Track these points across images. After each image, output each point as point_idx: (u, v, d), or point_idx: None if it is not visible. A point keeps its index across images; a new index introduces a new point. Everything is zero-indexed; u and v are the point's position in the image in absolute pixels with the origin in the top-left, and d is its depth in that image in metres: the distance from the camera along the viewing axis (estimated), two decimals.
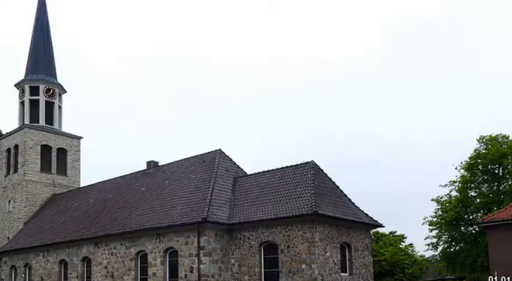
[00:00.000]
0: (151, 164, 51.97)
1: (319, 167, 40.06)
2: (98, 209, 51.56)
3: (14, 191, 62.72)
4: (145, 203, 45.89)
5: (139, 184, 50.34)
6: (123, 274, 43.68)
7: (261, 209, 38.63)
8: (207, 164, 44.84)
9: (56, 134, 65.20)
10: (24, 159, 61.92)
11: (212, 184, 41.24)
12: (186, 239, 39.02)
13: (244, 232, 38.88)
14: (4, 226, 63.45)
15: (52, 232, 53.71)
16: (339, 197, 40.23)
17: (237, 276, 38.80)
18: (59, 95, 67.27)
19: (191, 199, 41.43)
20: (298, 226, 35.93)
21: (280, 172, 41.06)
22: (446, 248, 49.13)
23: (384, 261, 52.09)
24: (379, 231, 59.24)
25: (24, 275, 55.42)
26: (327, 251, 36.35)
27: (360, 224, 40.50)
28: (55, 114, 66.55)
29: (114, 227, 45.33)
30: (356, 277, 39.52)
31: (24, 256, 55.55)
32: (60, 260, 50.56)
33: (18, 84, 66.65)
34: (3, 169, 65.81)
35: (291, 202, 37.28)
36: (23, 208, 61.03)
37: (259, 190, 40.70)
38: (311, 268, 34.90)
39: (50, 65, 67.83)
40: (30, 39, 68.24)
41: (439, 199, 49.22)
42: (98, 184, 58.27)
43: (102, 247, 46.00)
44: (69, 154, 66.03)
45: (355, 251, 39.85)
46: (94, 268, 46.57)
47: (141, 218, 43.66)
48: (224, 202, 40.71)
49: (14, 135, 64.57)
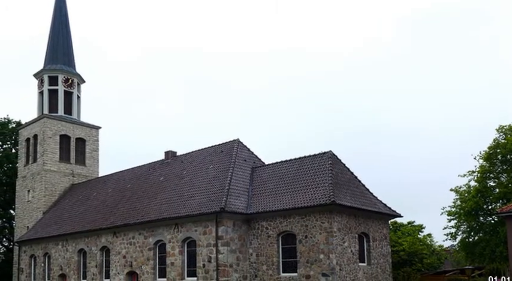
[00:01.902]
0: (169, 154, 52.10)
1: (337, 157, 39.98)
2: (116, 198, 51.76)
3: (33, 181, 63.07)
4: (164, 193, 46.01)
5: (157, 174, 50.47)
6: (141, 263, 43.85)
7: (279, 199, 38.62)
8: (225, 154, 44.88)
9: (74, 124, 65.44)
10: (43, 149, 62.22)
11: (230, 174, 41.28)
12: (204, 228, 39.10)
13: (262, 221, 38.89)
14: (23, 215, 63.84)
15: (71, 221, 53.98)
16: (357, 187, 40.15)
17: (255, 266, 38.85)
18: (78, 85, 67.49)
19: (209, 188, 41.48)
20: (316, 215, 35.89)
21: (298, 161, 41.02)
22: (465, 238, 48.86)
23: (402, 251, 51.88)
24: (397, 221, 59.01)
25: (44, 265, 55.77)
26: (345, 241, 36.30)
27: (378, 214, 40.43)
28: (74, 104, 66.78)
29: (132, 217, 45.49)
30: (374, 267, 39.49)
31: (44, 245, 55.89)
32: (79, 249, 50.85)
33: (37, 74, 66.91)
34: (23, 158, 66.18)
35: (309, 191, 37.23)
36: (42, 198, 61.37)
37: (277, 180, 40.69)
38: (329, 258, 34.88)
39: (69, 55, 68.02)
40: (49, 29, 68.45)
41: (458, 189, 48.92)
42: (116, 173, 58.52)
43: (120, 236, 46.19)
44: (88, 143, 66.30)
45: (373, 241, 39.80)
46: (113, 258, 46.79)
47: (160, 208, 43.77)
48: (242, 192, 40.75)
49: (33, 125, 64.88)
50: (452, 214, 48.57)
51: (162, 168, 51.06)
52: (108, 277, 47.25)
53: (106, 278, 47.68)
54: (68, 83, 66.02)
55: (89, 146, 66.37)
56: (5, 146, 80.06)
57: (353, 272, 36.73)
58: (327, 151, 39.67)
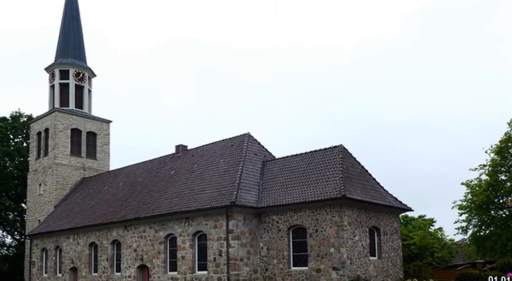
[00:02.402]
0: (180, 148, 52.16)
1: (347, 151, 39.96)
2: (127, 192, 51.89)
3: (45, 175, 63.28)
4: (174, 186, 46.08)
5: (168, 168, 50.54)
6: (152, 257, 43.96)
7: (290, 193, 38.62)
8: (236, 148, 44.89)
9: (85, 118, 65.60)
10: (55, 142, 62.40)
11: (241, 168, 41.32)
12: (215, 222, 39.16)
13: (272, 215, 38.91)
14: (35, 208, 64.08)
15: (82, 215, 54.15)
16: (368, 181, 40.12)
17: (266, 259, 38.89)
18: (89, 79, 67.66)
19: (220, 182, 41.52)
20: (327, 209, 35.88)
21: (308, 155, 41.00)
22: (476, 232, 48.74)
23: (413, 245, 51.83)
24: (408, 215, 58.95)
25: (55, 258, 56.00)
26: (355, 235, 36.29)
27: (388, 208, 40.40)
28: (85, 98, 66.95)
29: (143, 211, 45.59)
30: (385, 261, 39.47)
31: (55, 238, 56.10)
32: (90, 243, 51.02)
33: (49, 68, 67.07)
34: (34, 152, 66.40)
35: (320, 185, 37.22)
36: (54, 191, 61.57)
37: (287, 174, 40.68)
38: (340, 252, 34.88)
39: (80, 49, 68.16)
40: (60, 23, 68.61)
41: (469, 182, 48.78)
42: (127, 167, 58.66)
43: (131, 230, 46.32)
44: (99, 137, 66.46)
45: (384, 235, 39.78)
46: (124, 251, 46.93)
47: (170, 202, 43.85)
48: (253, 186, 40.76)
49: (45, 119, 65.06)
50: (463, 207, 48.45)
51: (172, 162, 51.13)
52: (119, 270, 47.42)
53: (117, 271, 47.85)
54: (79, 77, 66.16)
55: (99, 140, 66.54)
56: (16, 140, 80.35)
57: (364, 266, 36.72)
58: (338, 145, 39.64)
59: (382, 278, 38.48)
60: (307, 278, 36.35)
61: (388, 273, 39.54)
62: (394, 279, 39.59)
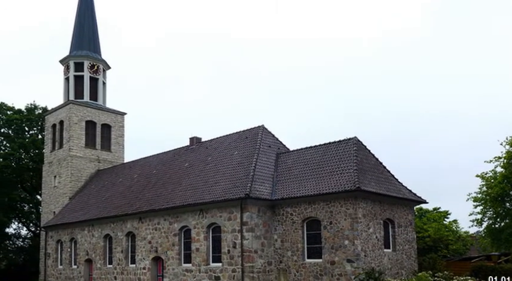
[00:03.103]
0: (194, 140, 52.26)
1: (361, 143, 39.87)
2: (141, 184, 52.03)
3: (60, 167, 63.54)
4: (189, 179, 46.16)
5: (182, 160, 50.63)
6: (166, 249, 44.07)
7: (304, 185, 38.59)
8: (250, 140, 44.89)
9: (100, 110, 65.81)
10: (70, 135, 62.62)
11: (255, 160, 41.32)
12: (229, 214, 39.20)
13: (286, 207, 38.91)
14: (50, 200, 64.39)
15: (97, 207, 54.36)
16: (382, 173, 40.03)
17: (280, 252, 38.90)
18: (103, 71, 67.86)
19: (234, 174, 41.56)
20: (341, 202, 35.83)
21: (322, 148, 40.96)
22: (491, 224, 48.51)
23: (427, 237, 51.76)
24: (423, 207, 58.94)
25: (70, 250, 56.27)
26: (370, 227, 36.23)
27: (403, 200, 40.30)
28: (99, 90, 67.16)
29: (157, 203, 45.70)
30: (399, 253, 39.40)
31: (70, 230, 56.37)
32: (105, 235, 51.23)
33: (63, 60, 67.31)
34: (49, 144, 66.67)
35: (334, 178, 37.18)
36: (68, 183, 61.83)
37: (301, 166, 40.65)
38: (354, 244, 34.84)
39: (94, 41, 68.35)
40: (75, 15, 68.79)
41: (484, 174, 48.51)
42: (142, 159, 58.85)
43: (146, 222, 46.44)
44: (113, 129, 66.65)
45: (398, 227, 39.69)
46: (138, 243, 47.08)
47: (185, 194, 43.93)
48: (267, 178, 40.76)
49: (59, 111, 65.31)
50: (478, 200, 48.22)
51: (187, 154, 51.22)
52: (134, 262, 47.60)
53: (132, 263, 48.04)
54: (94, 69, 66.36)
55: (114, 132, 66.73)
56: (31, 132, 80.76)
57: (378, 258, 36.68)
58: (352, 137, 39.57)
59: (396, 271, 38.42)
60: (321, 271, 36.35)
61: (403, 265, 39.48)
62: (408, 271, 39.52)
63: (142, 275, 46.16)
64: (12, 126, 79.02)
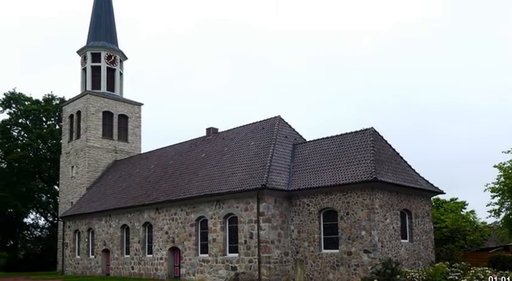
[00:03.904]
0: (210, 131, 52.31)
1: (378, 134, 39.74)
2: (158, 175, 52.16)
3: (77, 157, 63.81)
4: (205, 169, 46.21)
5: (199, 151, 50.69)
6: (183, 239, 44.19)
7: (320, 175, 38.54)
8: (266, 130, 44.87)
9: (117, 101, 66.03)
10: (87, 125, 62.87)
11: (271, 151, 41.29)
12: (246, 205, 39.23)
13: (303, 198, 38.87)
14: (67, 191, 64.72)
15: (114, 197, 54.58)
16: (399, 164, 39.90)
17: (297, 242, 38.91)
18: (120, 62, 68.07)
19: (250, 165, 41.56)
20: (358, 192, 35.75)
21: (339, 138, 40.86)
22: (509, 214, 48.26)
23: (444, 228, 51.57)
24: (440, 198, 58.70)
25: (88, 240, 56.56)
26: (386, 218, 36.15)
27: (420, 190, 40.15)
28: (116, 81, 67.39)
29: (174, 193, 45.80)
30: (416, 244, 39.32)
31: (87, 220, 56.64)
32: (122, 225, 51.45)
33: (80, 51, 67.57)
34: (66, 134, 66.98)
35: (351, 168, 37.09)
36: (86, 174, 62.12)
37: (318, 157, 40.58)
38: (371, 235, 34.78)
39: (111, 32, 68.54)
40: (92, 6, 69.02)
41: (502, 165, 48.28)
42: (159, 150, 59.00)
43: (163, 212, 46.57)
44: (130, 120, 66.87)
45: (415, 218, 39.60)
46: (155, 233, 47.23)
47: (201, 185, 43.99)
48: (283, 169, 40.73)
49: (77, 101, 65.57)
50: (495, 190, 47.98)
51: (203, 145, 51.26)
52: (151, 252, 47.74)
53: (149, 253, 48.19)
54: (111, 59, 66.56)
55: (131, 123, 66.94)
56: (49, 123, 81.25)
57: (395, 249, 36.61)
58: (369, 128, 39.44)
59: (413, 261, 38.35)
60: (338, 261, 36.33)
61: (420, 256, 39.40)
62: (425, 262, 39.44)
63: (160, 266, 46.32)
64: (30, 116, 79.57)
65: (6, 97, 79.07)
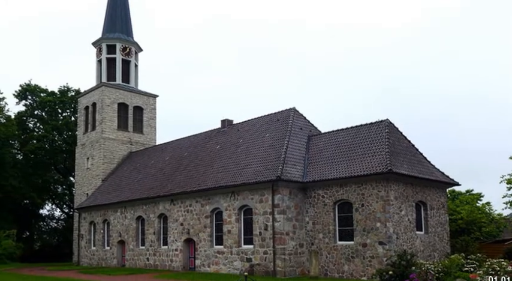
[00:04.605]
0: (225, 123, 52.31)
1: (393, 125, 39.58)
2: (173, 166, 52.28)
3: (92, 149, 64.06)
4: (220, 161, 46.26)
5: (213, 142, 50.73)
6: (198, 231, 44.29)
7: (335, 167, 38.47)
8: (281, 122, 44.82)
9: (132, 93, 66.17)
10: (102, 117, 63.06)
11: (286, 142, 41.24)
12: (261, 197, 39.24)
13: (318, 190, 38.84)
14: (83, 182, 64.99)
15: (129, 189, 54.76)
16: (414, 155, 39.76)
17: (312, 234, 38.90)
18: (135, 54, 68.20)
19: (265, 157, 41.54)
20: (373, 184, 35.68)
21: (354, 130, 40.75)
22: None
23: (460, 219, 51.32)
24: (456, 189, 58.45)
25: (103, 231, 56.83)
26: (402, 210, 36.07)
27: (435, 182, 40.04)
28: (131, 73, 67.53)
29: (189, 185, 45.88)
30: (432, 236, 39.23)
31: (103, 212, 56.92)
32: (137, 216, 51.63)
33: (96, 42, 67.76)
34: (82, 126, 67.23)
35: (366, 160, 37.00)
36: (101, 165, 62.36)
37: (333, 148, 40.51)
38: (386, 226, 34.71)
39: (126, 23, 68.66)
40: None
41: None
42: (174, 142, 59.12)
43: (178, 204, 46.68)
44: (145, 112, 67.01)
45: (430, 209, 39.49)
46: (170, 225, 47.37)
47: (216, 176, 44.05)
48: (298, 160, 40.69)
49: (92, 93, 65.77)
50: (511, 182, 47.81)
51: (218, 136, 51.30)
52: (166, 243, 47.93)
53: (164, 245, 48.38)
54: (126, 51, 66.68)
55: (146, 115, 67.08)
56: (64, 114, 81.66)
57: (410, 241, 36.55)
58: (384, 119, 39.28)
59: (428, 253, 38.28)
60: (353, 253, 36.30)
61: (435, 248, 39.32)
62: (441, 254, 39.37)
63: (175, 257, 46.48)
64: (46, 108, 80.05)
65: (22, 89, 79.56)
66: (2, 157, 69.78)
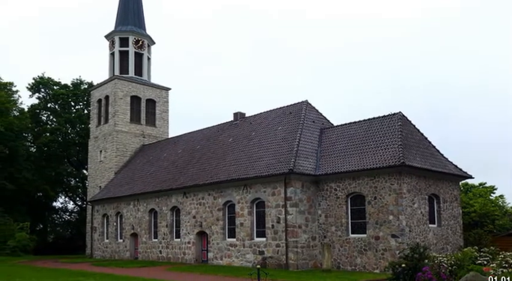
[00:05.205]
0: (238, 116, 52.33)
1: (406, 118, 39.47)
2: (186, 159, 52.33)
3: (105, 141, 64.23)
4: (233, 154, 46.29)
5: (226, 135, 50.75)
6: (211, 223, 44.36)
7: (348, 160, 38.42)
8: (294, 115, 44.77)
9: (145, 85, 66.29)
10: (115, 110, 63.20)
11: (299, 135, 41.20)
12: (273, 190, 39.25)
13: (330, 183, 38.80)
14: (96, 175, 65.21)
15: (142, 181, 54.88)
16: (427, 148, 39.66)
17: (324, 227, 38.89)
18: (148, 47, 68.30)
19: (278, 150, 41.52)
20: (386, 177, 35.61)
21: (367, 123, 40.66)
22: None
23: (473, 212, 51.19)
24: (469, 182, 58.27)
25: (116, 224, 57.01)
26: (414, 203, 35.99)
27: (448, 175, 39.92)
28: (144, 66, 67.67)
29: (202, 178, 45.93)
30: (444, 228, 39.13)
31: (116, 204, 57.10)
32: (150, 209, 51.76)
33: (108, 35, 67.89)
34: (95, 119, 67.43)
35: (378, 153, 36.93)
36: (114, 158, 62.53)
37: (345, 141, 40.45)
38: (398, 219, 34.66)
39: (139, 16, 68.78)
40: None
41: None
42: (186, 134, 59.19)
43: (190, 197, 46.75)
44: (158, 104, 67.13)
45: (443, 202, 39.38)
46: (183, 218, 47.47)
47: (229, 169, 44.08)
48: (310, 153, 40.65)
49: (105, 86, 65.93)
50: None
51: (231, 129, 51.32)
52: (179, 236, 48.05)
53: (176, 237, 48.50)
54: (139, 44, 66.78)
55: (159, 107, 67.20)
56: (77, 107, 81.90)
57: (423, 234, 36.47)
58: (397, 112, 39.18)
59: (441, 246, 38.20)
60: (365, 246, 36.28)
61: (448, 241, 39.23)
62: (454, 247, 39.27)
63: (187, 250, 46.59)
64: (59, 101, 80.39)
65: (36, 82, 79.90)
66: (15, 149, 70.16)
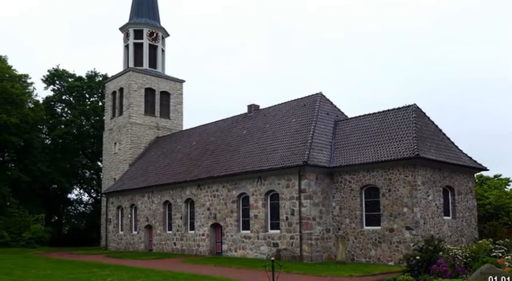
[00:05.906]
0: (252, 108, 52.32)
1: (421, 110, 39.33)
2: (200, 151, 52.38)
3: (120, 134, 64.39)
4: (247, 146, 46.29)
5: (240, 127, 50.77)
6: (225, 215, 44.43)
7: (362, 152, 38.36)
8: (308, 107, 44.70)
9: (159, 78, 66.38)
10: (129, 102, 63.32)
11: (313, 128, 41.14)
12: (287, 182, 39.25)
13: (345, 175, 38.77)
14: (110, 167, 65.41)
15: (156, 173, 55.00)
16: (442, 140, 39.52)
17: (338, 219, 38.88)
18: (162, 39, 68.37)
19: (292, 142, 41.49)
20: (400, 169, 35.54)
21: (381, 115, 40.56)
22: None
23: (488, 205, 51.04)
24: (484, 174, 58.07)
25: (131, 216, 57.18)
26: (429, 195, 35.90)
27: (463, 167, 39.79)
28: (158, 58, 67.73)
29: (216, 170, 45.99)
30: (459, 221, 39.03)
31: (130, 197, 57.25)
32: (164, 201, 51.88)
33: (123, 27, 67.97)
34: (109, 111, 67.58)
35: (393, 145, 36.85)
36: (128, 150, 62.68)
37: (360, 134, 40.37)
38: (413, 212, 34.59)
39: (153, 8, 68.81)
40: None
41: None
42: (200, 127, 59.22)
43: (204, 189, 46.82)
44: (172, 97, 67.20)
45: (458, 194, 39.25)
46: (197, 210, 47.56)
47: (243, 161, 44.10)
48: (325, 146, 40.61)
49: (119, 78, 66.06)
50: None
51: (245, 121, 51.32)
52: (193, 228, 48.14)
53: (191, 229, 48.60)
54: (153, 36, 66.85)
55: (173, 100, 67.27)
56: (92, 99, 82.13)
57: (437, 226, 36.39)
58: (411, 104, 39.04)
59: (456, 238, 38.10)
60: (380, 238, 36.25)
61: (463, 233, 39.12)
62: (468, 239, 39.17)
63: (202, 242, 46.69)
64: (74, 93, 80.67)
65: (50, 74, 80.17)
66: (30, 141, 70.55)
